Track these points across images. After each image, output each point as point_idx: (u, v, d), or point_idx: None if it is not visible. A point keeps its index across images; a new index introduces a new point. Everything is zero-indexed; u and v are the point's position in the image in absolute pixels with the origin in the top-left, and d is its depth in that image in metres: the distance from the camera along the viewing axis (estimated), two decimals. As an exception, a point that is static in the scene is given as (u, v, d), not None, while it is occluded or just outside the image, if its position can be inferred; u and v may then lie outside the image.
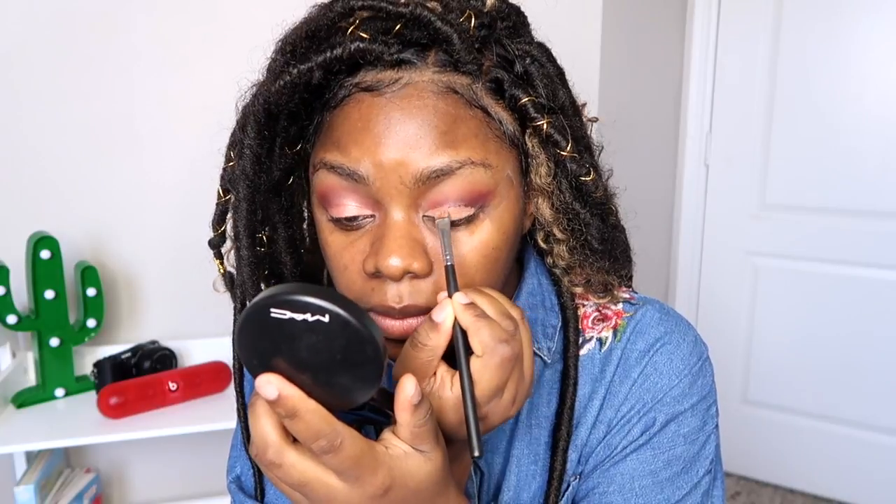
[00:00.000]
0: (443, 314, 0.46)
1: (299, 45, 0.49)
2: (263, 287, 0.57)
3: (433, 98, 0.49)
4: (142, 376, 1.35)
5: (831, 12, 2.08)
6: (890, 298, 2.11)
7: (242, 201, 0.52)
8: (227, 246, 0.58)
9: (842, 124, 2.10)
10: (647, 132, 2.23)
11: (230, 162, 0.55)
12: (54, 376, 1.33)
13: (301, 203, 0.60)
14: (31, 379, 1.39)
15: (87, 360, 1.41)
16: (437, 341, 0.46)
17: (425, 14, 0.48)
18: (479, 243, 0.51)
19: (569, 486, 0.58)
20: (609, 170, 0.60)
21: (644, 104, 2.18)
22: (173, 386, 1.33)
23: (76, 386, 1.36)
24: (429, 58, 0.50)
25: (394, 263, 0.48)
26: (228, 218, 0.56)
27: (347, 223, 0.51)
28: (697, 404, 0.58)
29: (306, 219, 0.62)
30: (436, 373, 0.47)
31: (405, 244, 0.49)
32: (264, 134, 0.51)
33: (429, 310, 0.48)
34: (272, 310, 0.37)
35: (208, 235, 0.59)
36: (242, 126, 0.52)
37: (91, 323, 1.34)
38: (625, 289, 0.63)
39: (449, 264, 0.48)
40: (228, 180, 0.56)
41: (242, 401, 0.60)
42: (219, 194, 0.57)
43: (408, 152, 0.48)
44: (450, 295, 0.47)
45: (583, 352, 0.60)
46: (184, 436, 1.28)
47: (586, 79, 1.80)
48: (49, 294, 1.28)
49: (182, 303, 1.52)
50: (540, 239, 0.59)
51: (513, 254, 0.56)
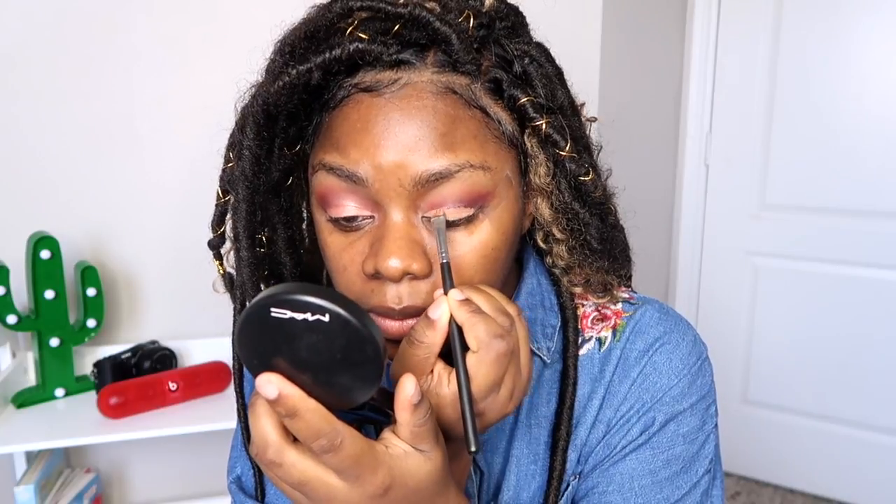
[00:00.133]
0: (438, 311, 0.46)
1: (298, 45, 0.49)
2: (263, 287, 0.57)
3: (432, 98, 0.49)
4: (142, 376, 1.35)
5: (831, 12, 2.08)
6: (890, 298, 2.11)
7: (242, 202, 0.52)
8: (226, 247, 0.58)
9: (842, 124, 2.10)
10: (647, 132, 2.23)
11: (229, 163, 0.55)
12: (54, 376, 1.33)
13: (300, 204, 0.60)
14: (31, 379, 1.39)
15: (87, 360, 1.41)
16: (433, 338, 0.46)
17: (424, 14, 0.48)
18: (479, 243, 0.51)
19: (568, 485, 0.58)
20: (608, 169, 0.60)
21: (644, 104, 2.18)
22: (173, 386, 1.33)
23: (76, 386, 1.36)
24: (428, 58, 0.50)
25: (393, 265, 0.48)
26: (228, 219, 0.57)
27: (346, 224, 0.51)
28: (697, 404, 0.58)
29: (306, 219, 0.62)
30: (433, 370, 0.47)
31: (404, 245, 0.49)
32: (263, 135, 0.51)
33: None
34: (272, 309, 0.37)
35: (208, 236, 0.59)
36: (241, 127, 0.52)
37: (91, 323, 1.34)
38: (624, 289, 0.63)
39: (445, 262, 0.48)
40: (228, 181, 0.56)
41: (242, 401, 0.60)
42: (218, 195, 0.57)
43: (407, 154, 0.48)
44: (445, 292, 0.47)
45: (582, 351, 0.60)
46: (184, 436, 1.28)
47: (586, 79, 1.80)
48: (49, 294, 1.28)
49: (182, 303, 1.52)
50: (539, 239, 0.59)
51: (512, 254, 0.56)
